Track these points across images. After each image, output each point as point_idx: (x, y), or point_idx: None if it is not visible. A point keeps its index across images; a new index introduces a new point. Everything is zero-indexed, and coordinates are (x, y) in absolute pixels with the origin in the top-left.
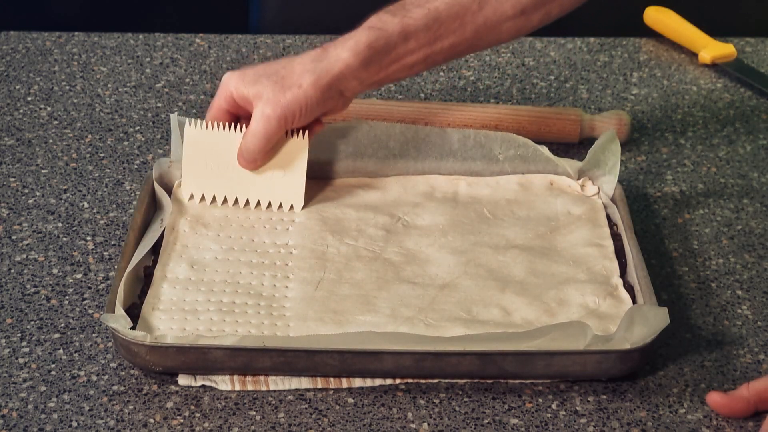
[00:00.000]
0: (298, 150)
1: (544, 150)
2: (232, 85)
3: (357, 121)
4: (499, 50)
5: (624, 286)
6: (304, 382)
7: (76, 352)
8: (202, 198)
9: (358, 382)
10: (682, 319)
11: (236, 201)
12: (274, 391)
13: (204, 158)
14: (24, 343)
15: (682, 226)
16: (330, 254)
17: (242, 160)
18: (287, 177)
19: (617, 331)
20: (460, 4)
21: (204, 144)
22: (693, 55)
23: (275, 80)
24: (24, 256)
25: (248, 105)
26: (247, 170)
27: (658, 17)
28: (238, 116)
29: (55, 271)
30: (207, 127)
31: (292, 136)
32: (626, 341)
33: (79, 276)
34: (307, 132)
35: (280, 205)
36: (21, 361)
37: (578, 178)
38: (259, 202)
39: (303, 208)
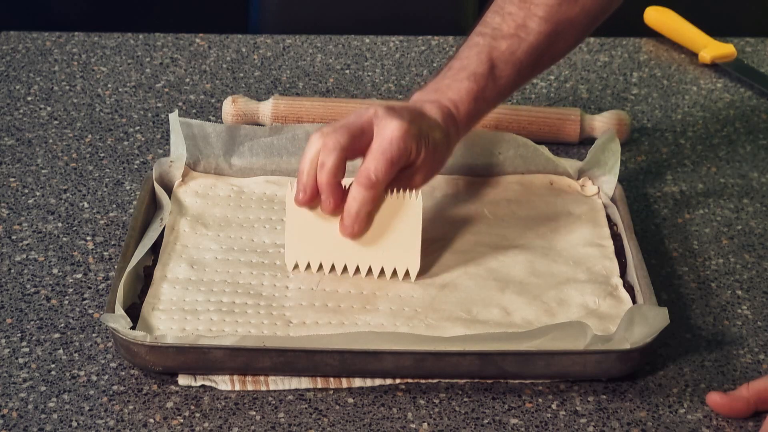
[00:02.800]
0: (412, 212)
1: (544, 150)
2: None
3: None
4: None
5: (624, 286)
6: (304, 382)
7: (76, 352)
8: (308, 266)
9: (358, 382)
10: (682, 319)
11: (345, 270)
12: (274, 391)
13: (307, 222)
14: (24, 343)
15: (682, 226)
16: None
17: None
18: (401, 241)
19: (617, 331)
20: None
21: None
22: (693, 55)
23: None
24: (24, 256)
25: (365, 132)
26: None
27: (658, 17)
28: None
29: (55, 271)
30: None
31: (403, 196)
32: (626, 341)
33: (79, 276)
34: (420, 192)
35: (395, 273)
36: (21, 361)
37: (578, 178)
38: (370, 270)
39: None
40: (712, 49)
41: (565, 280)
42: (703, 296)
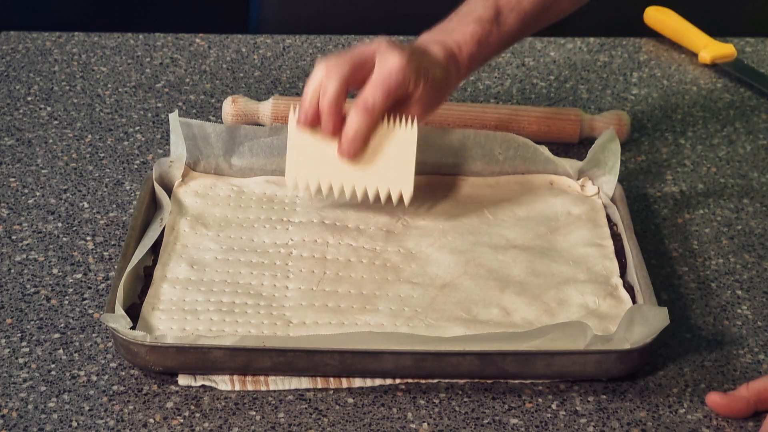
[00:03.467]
0: (407, 139)
1: (544, 150)
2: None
3: None
4: None
5: (624, 286)
6: (304, 382)
7: (76, 352)
8: (307, 187)
9: (358, 382)
10: (682, 319)
11: (342, 191)
12: (274, 391)
13: (308, 145)
14: (24, 343)
15: (682, 226)
16: (330, 254)
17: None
18: (395, 166)
19: (617, 331)
20: None
21: (308, 130)
22: (693, 55)
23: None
24: (24, 256)
25: (366, 64)
26: (353, 157)
27: (658, 17)
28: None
29: (55, 271)
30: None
31: (399, 124)
32: (626, 341)
33: (79, 276)
34: (416, 120)
35: (389, 197)
36: (21, 361)
37: (578, 178)
38: (366, 192)
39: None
40: (712, 49)
41: (565, 280)
42: (703, 296)
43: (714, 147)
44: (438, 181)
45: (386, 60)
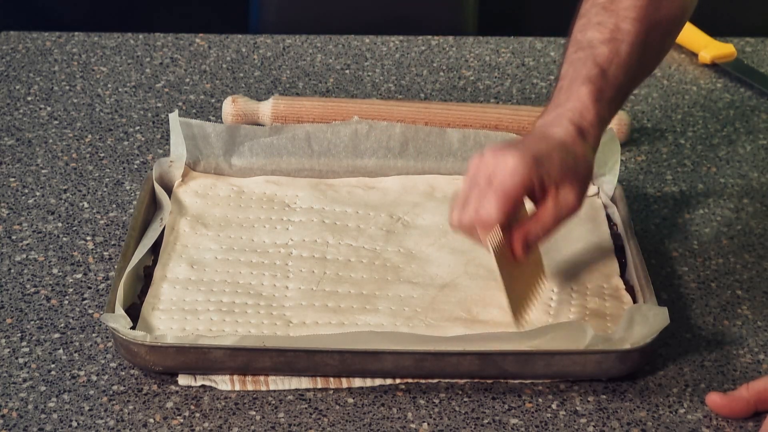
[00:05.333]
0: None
1: None
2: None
3: (357, 121)
4: (499, 50)
5: (624, 286)
6: (304, 382)
7: (76, 352)
8: None
9: (358, 382)
10: (682, 319)
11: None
12: (274, 391)
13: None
14: (24, 343)
15: (682, 226)
16: (330, 254)
17: (479, 224)
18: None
19: (617, 331)
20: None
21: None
22: (693, 55)
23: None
24: (24, 256)
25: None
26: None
27: None
28: None
29: (55, 271)
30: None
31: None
32: (626, 341)
33: (79, 276)
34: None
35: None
36: (21, 361)
37: None
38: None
39: None
40: (712, 49)
41: (565, 280)
42: (703, 296)
43: (714, 147)
44: (438, 181)
45: (501, 168)
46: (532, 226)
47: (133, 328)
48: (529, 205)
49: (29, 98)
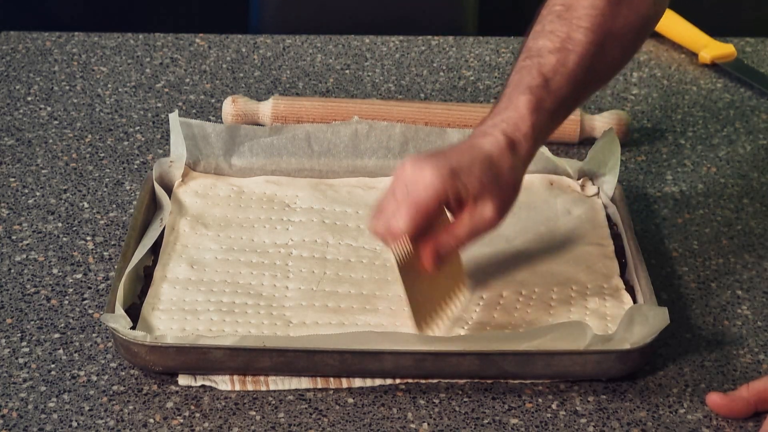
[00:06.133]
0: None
1: (544, 150)
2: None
3: (357, 121)
4: (499, 50)
5: (624, 286)
6: (304, 382)
7: (76, 352)
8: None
9: (358, 382)
10: (682, 319)
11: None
12: (274, 391)
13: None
14: (24, 343)
15: (682, 226)
16: (330, 254)
17: (385, 238)
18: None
19: (617, 331)
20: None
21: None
22: (693, 55)
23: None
24: (24, 256)
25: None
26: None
27: None
28: None
29: (55, 271)
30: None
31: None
32: (626, 341)
33: (79, 276)
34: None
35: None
36: (21, 361)
37: (578, 178)
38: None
39: None
40: (712, 49)
41: (565, 280)
42: (703, 296)
43: (714, 147)
44: None
45: (418, 180)
46: (443, 238)
47: (133, 328)
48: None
49: (29, 98)
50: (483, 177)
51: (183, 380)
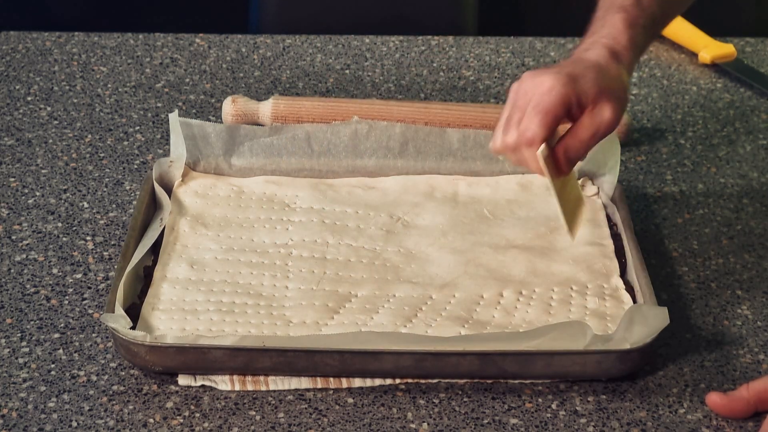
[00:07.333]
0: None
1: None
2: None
3: (357, 121)
4: (499, 50)
5: (624, 286)
6: (304, 382)
7: (76, 352)
8: None
9: (358, 382)
10: (682, 319)
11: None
12: (274, 391)
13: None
14: (24, 343)
15: (682, 226)
16: (330, 254)
17: (522, 145)
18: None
19: (617, 331)
20: None
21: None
22: (693, 55)
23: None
24: (24, 256)
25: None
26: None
27: None
28: None
29: (55, 271)
30: None
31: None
32: (626, 341)
33: (79, 276)
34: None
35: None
36: (21, 361)
37: (578, 178)
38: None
39: None
40: (712, 49)
41: (565, 280)
42: (703, 296)
43: (714, 147)
44: (438, 181)
45: (539, 88)
46: (570, 141)
47: (133, 328)
48: None
49: (29, 98)
50: (599, 81)
51: (183, 380)
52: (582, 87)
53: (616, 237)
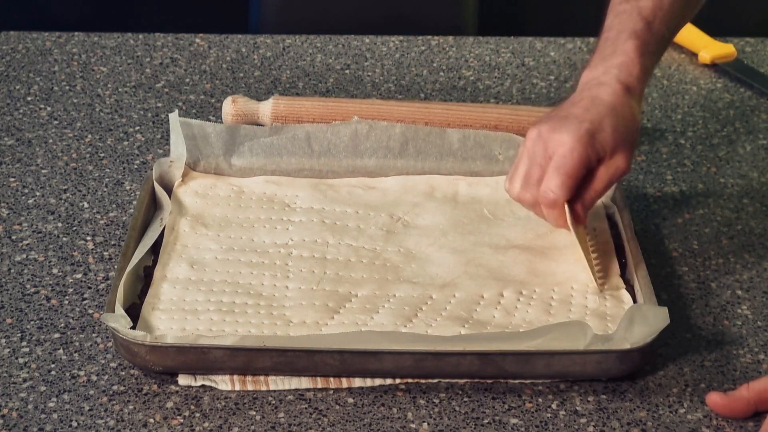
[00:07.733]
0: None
1: None
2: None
3: (357, 121)
4: (499, 50)
5: (624, 285)
6: (304, 382)
7: (76, 352)
8: None
9: (358, 382)
10: (682, 319)
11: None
12: (274, 391)
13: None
14: (24, 343)
15: (682, 226)
16: (330, 254)
17: (545, 205)
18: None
19: (617, 331)
20: None
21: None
22: (693, 55)
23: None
24: (24, 256)
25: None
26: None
27: None
28: None
29: (55, 271)
30: None
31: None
32: (626, 341)
33: (79, 276)
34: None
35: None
36: (21, 361)
37: None
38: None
39: None
40: (712, 49)
41: (565, 280)
42: (703, 296)
43: (714, 147)
44: (438, 181)
45: (559, 146)
46: (587, 195)
47: (133, 328)
48: None
49: (29, 98)
50: (615, 133)
51: (183, 380)
52: (601, 142)
53: (616, 237)
